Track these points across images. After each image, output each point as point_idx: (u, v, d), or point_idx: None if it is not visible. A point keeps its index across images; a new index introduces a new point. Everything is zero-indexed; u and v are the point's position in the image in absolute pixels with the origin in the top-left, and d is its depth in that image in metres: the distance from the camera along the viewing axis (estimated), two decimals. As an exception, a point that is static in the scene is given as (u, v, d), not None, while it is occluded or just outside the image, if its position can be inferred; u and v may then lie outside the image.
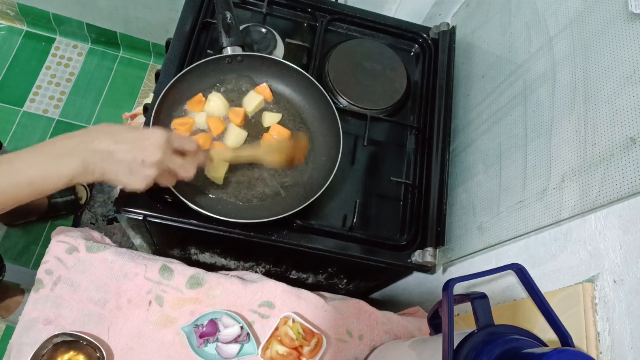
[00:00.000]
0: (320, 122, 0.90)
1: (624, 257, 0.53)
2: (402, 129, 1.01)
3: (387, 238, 0.89)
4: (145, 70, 1.87)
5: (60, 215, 1.59)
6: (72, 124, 1.73)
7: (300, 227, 0.85)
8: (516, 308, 0.67)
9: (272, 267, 1.03)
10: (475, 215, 0.82)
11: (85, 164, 0.59)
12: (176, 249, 1.01)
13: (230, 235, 0.82)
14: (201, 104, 0.86)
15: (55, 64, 1.80)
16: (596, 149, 0.59)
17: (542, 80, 0.73)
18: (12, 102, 1.71)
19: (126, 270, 0.80)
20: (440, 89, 1.01)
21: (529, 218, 0.68)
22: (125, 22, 1.72)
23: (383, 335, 0.86)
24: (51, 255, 0.78)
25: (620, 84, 0.57)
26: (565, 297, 0.59)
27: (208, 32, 0.98)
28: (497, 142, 0.82)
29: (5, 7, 1.71)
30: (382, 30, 1.09)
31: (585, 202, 0.58)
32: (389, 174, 0.94)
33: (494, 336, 0.52)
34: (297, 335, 0.77)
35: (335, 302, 0.85)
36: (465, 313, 0.79)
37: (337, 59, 1.01)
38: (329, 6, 1.07)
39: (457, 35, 1.07)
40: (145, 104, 0.96)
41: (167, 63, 0.91)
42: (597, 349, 0.53)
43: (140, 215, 0.80)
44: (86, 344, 0.73)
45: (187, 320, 0.79)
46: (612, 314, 0.53)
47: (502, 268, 0.57)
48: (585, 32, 0.66)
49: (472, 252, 0.80)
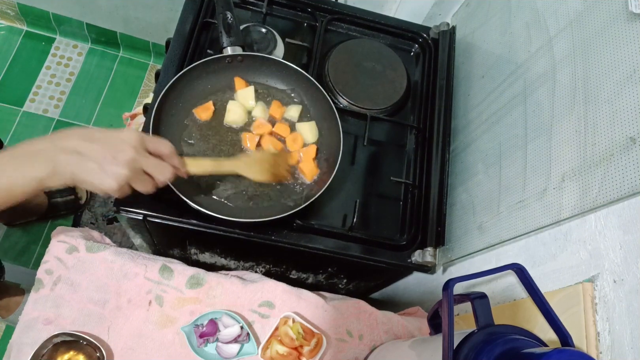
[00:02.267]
0: (320, 122, 0.90)
1: (624, 257, 0.53)
2: (402, 129, 1.01)
3: (387, 238, 0.89)
4: (145, 70, 1.87)
5: (60, 215, 1.59)
6: (72, 124, 1.73)
7: (300, 227, 0.85)
8: (516, 308, 0.67)
9: (272, 267, 1.03)
10: (475, 215, 0.82)
11: (54, 165, 0.56)
12: (176, 249, 1.01)
13: (230, 235, 0.82)
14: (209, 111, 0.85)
15: (55, 64, 1.80)
16: (596, 149, 0.59)
17: (542, 80, 0.73)
18: (12, 102, 1.71)
19: (126, 270, 0.80)
20: (440, 89, 1.01)
21: (529, 218, 0.68)
22: (125, 22, 1.72)
23: (383, 335, 0.86)
24: (51, 255, 0.78)
25: (620, 84, 0.57)
26: (565, 297, 0.59)
27: (208, 32, 0.98)
28: (497, 142, 0.82)
29: (5, 7, 1.71)
30: (382, 30, 1.09)
31: (585, 202, 0.58)
32: (389, 173, 0.94)
33: (494, 336, 0.52)
34: (297, 335, 0.77)
35: (335, 302, 0.85)
36: (465, 313, 0.79)
37: (337, 59, 1.01)
38: (329, 6, 1.07)
39: (457, 35, 1.07)
40: (145, 104, 0.96)
41: (167, 63, 0.91)
42: (597, 349, 0.53)
43: (140, 215, 0.80)
44: (86, 344, 0.73)
45: (187, 320, 0.79)
46: (612, 314, 0.53)
47: (502, 268, 0.57)
48: (585, 32, 0.66)
49: (472, 252, 0.80)
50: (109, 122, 1.75)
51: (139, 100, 1.82)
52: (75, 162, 0.57)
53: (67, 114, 1.74)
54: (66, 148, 0.56)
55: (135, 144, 0.59)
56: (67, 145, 0.57)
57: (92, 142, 0.58)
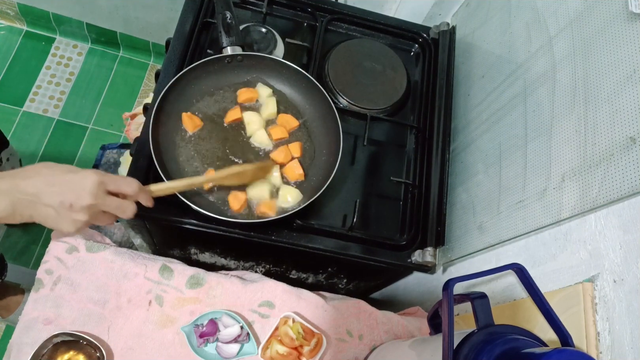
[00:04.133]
0: (320, 122, 0.90)
1: (624, 257, 0.53)
2: (402, 129, 1.01)
3: (387, 238, 0.89)
4: (145, 70, 1.87)
5: (60, 215, 1.58)
6: (72, 124, 1.73)
7: (300, 227, 0.85)
8: (516, 308, 0.67)
9: (272, 267, 1.03)
10: (475, 215, 0.82)
11: (13, 206, 0.57)
12: (176, 249, 1.01)
13: (230, 235, 0.82)
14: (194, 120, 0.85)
15: (55, 64, 1.80)
16: (596, 149, 0.59)
17: (542, 80, 0.73)
18: (12, 102, 1.71)
19: (126, 270, 0.80)
20: (440, 88, 1.01)
21: (529, 218, 0.68)
22: (125, 22, 1.72)
23: (383, 335, 0.86)
24: (51, 255, 0.78)
25: (620, 84, 0.57)
26: (565, 297, 0.59)
27: (208, 32, 0.98)
28: (497, 142, 0.82)
29: (5, 7, 1.71)
30: (382, 30, 1.09)
31: (585, 202, 0.58)
32: (389, 173, 0.94)
33: (494, 336, 0.52)
34: (297, 335, 0.77)
35: (335, 302, 0.85)
36: (465, 313, 0.79)
37: (337, 58, 1.01)
38: (329, 6, 1.07)
39: (457, 35, 1.07)
40: (145, 104, 0.96)
41: (167, 63, 0.91)
42: (597, 349, 0.53)
43: (140, 216, 0.80)
44: (86, 344, 0.73)
45: (187, 320, 0.79)
46: (612, 313, 0.53)
47: (502, 268, 0.57)
48: (585, 32, 0.65)
49: (472, 252, 0.80)
50: (109, 122, 1.75)
51: (139, 100, 1.82)
52: (33, 206, 0.58)
53: (67, 114, 1.74)
54: (25, 191, 0.58)
55: (94, 190, 0.60)
56: (26, 189, 0.58)
57: (51, 186, 0.58)
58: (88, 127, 1.74)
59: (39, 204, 0.58)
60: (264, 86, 0.90)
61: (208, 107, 0.87)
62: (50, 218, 0.60)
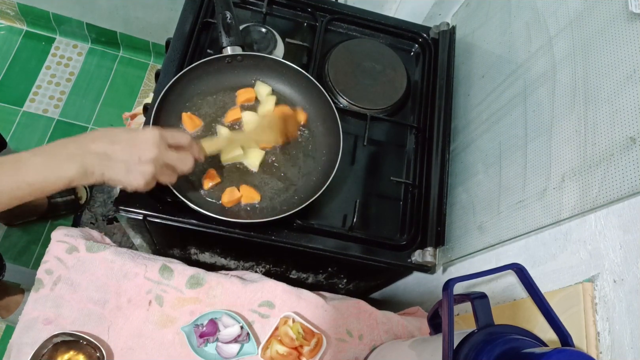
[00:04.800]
0: (320, 122, 0.90)
1: (624, 257, 0.53)
2: (402, 129, 1.01)
3: (387, 238, 0.89)
4: (145, 70, 1.87)
5: (60, 215, 1.59)
6: (72, 124, 1.73)
7: (300, 227, 0.85)
8: (516, 308, 0.67)
9: (272, 267, 1.03)
10: (475, 215, 0.82)
11: (84, 166, 0.60)
12: (176, 249, 1.01)
13: (230, 235, 0.82)
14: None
15: (55, 64, 1.80)
16: (596, 149, 0.59)
17: (542, 80, 0.73)
18: (12, 101, 1.71)
19: (126, 270, 0.80)
20: (440, 89, 1.01)
21: (529, 218, 0.68)
22: (125, 22, 1.72)
23: (383, 335, 0.86)
24: (51, 255, 0.78)
25: (620, 84, 0.57)
26: (565, 297, 0.59)
27: (208, 32, 0.98)
28: (497, 142, 0.82)
29: (5, 7, 1.71)
30: (382, 30, 1.09)
31: (585, 202, 0.58)
32: (389, 173, 0.94)
33: (494, 336, 0.52)
34: (297, 335, 0.77)
35: (335, 302, 0.85)
36: (465, 313, 0.79)
37: (337, 58, 1.01)
38: (329, 6, 1.07)
39: (457, 35, 1.07)
40: (145, 103, 0.96)
41: (167, 63, 0.91)
42: (597, 349, 0.53)
43: (140, 215, 0.80)
44: (86, 344, 0.73)
45: (187, 320, 0.79)
46: (612, 313, 0.53)
47: (502, 268, 0.57)
48: (585, 32, 0.66)
49: (472, 252, 0.80)
50: (109, 122, 1.75)
51: (139, 100, 1.82)
52: (105, 163, 0.62)
53: (67, 113, 1.74)
54: (94, 151, 0.61)
55: (157, 141, 0.64)
56: (95, 148, 0.61)
57: (118, 144, 0.62)
58: (88, 127, 1.74)
59: (109, 161, 0.61)
60: (262, 84, 0.90)
61: (208, 107, 0.87)
62: (121, 173, 0.62)
